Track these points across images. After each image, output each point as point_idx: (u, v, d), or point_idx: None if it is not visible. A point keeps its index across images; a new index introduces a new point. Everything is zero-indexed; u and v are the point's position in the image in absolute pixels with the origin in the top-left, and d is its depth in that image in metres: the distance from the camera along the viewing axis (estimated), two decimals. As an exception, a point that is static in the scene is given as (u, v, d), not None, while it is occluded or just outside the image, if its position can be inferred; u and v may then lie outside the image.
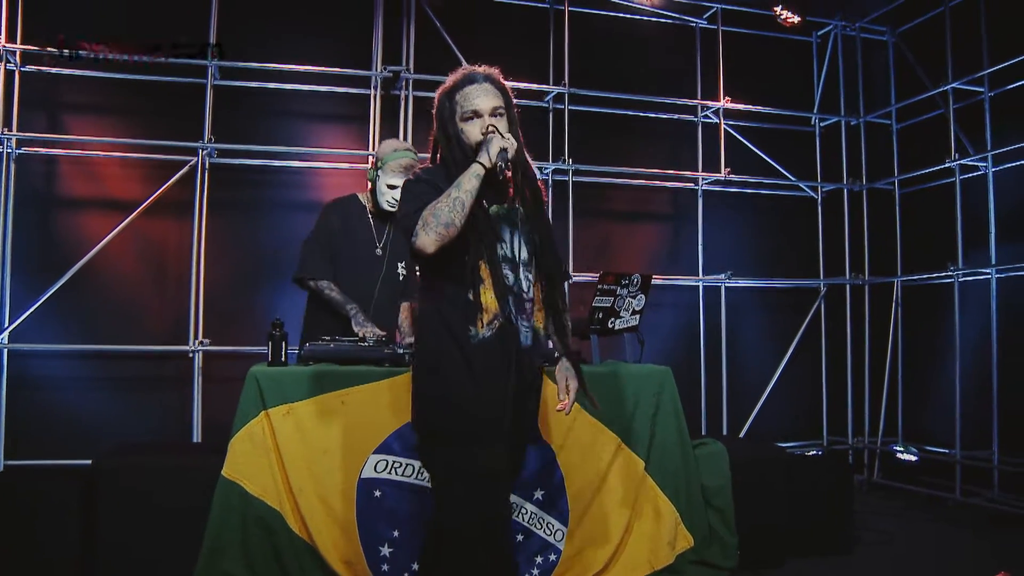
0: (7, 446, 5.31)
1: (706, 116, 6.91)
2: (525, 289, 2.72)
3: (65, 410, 5.46)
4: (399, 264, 4.31)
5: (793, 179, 7.03)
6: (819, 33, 7.29)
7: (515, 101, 2.78)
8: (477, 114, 2.71)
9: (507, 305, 2.65)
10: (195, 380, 5.58)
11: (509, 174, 2.65)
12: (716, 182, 6.83)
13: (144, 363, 5.71)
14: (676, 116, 6.95)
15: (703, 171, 6.83)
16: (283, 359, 3.82)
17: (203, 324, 5.56)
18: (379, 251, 4.26)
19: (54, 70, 5.58)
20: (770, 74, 7.11)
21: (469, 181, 2.57)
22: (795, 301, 7.11)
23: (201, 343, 5.53)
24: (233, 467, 3.51)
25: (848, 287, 7.14)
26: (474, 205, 2.58)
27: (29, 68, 5.54)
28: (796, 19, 6.38)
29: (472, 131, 2.71)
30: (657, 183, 6.92)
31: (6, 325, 5.33)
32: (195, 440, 5.53)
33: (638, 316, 4.43)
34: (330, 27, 6.16)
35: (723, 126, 6.75)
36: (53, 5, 5.54)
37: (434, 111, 2.82)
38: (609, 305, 4.21)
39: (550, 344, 2.91)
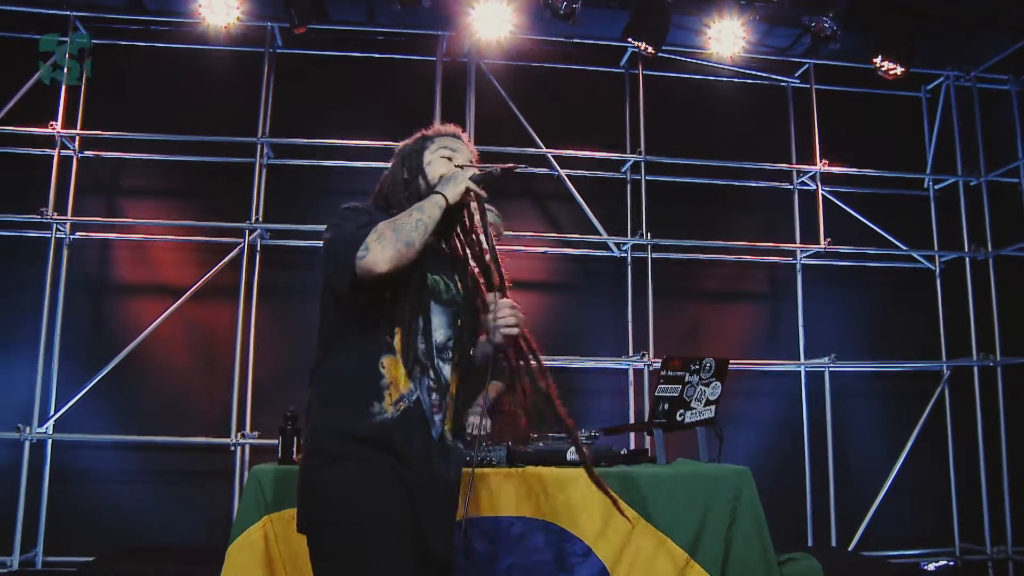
0: (47, 541, 5.16)
1: (802, 182, 6.28)
2: (438, 379, 2.19)
3: (106, 504, 5.26)
4: None
5: (905, 248, 6.25)
6: (928, 87, 6.59)
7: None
8: (451, 158, 2.40)
9: (419, 387, 2.13)
10: (236, 475, 5.25)
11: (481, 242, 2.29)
12: (816, 255, 6.14)
13: (189, 455, 5.43)
14: (768, 183, 6.34)
15: (801, 243, 6.16)
16: (295, 456, 3.44)
17: (251, 415, 5.29)
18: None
19: (110, 154, 5.56)
20: (873, 134, 6.43)
21: (432, 207, 2.13)
22: (914, 387, 6.26)
23: (244, 436, 5.21)
24: (230, 579, 3.12)
25: (976, 369, 6.24)
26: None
27: (88, 153, 5.58)
28: (899, 71, 5.72)
29: (439, 165, 2.36)
30: (749, 258, 6.26)
31: (51, 414, 5.19)
32: (233, 541, 5.16)
33: (713, 407, 3.87)
34: (387, 100, 5.91)
35: (821, 192, 6.10)
36: (109, 92, 5.55)
37: (398, 149, 2.47)
38: (676, 395, 3.69)
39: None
